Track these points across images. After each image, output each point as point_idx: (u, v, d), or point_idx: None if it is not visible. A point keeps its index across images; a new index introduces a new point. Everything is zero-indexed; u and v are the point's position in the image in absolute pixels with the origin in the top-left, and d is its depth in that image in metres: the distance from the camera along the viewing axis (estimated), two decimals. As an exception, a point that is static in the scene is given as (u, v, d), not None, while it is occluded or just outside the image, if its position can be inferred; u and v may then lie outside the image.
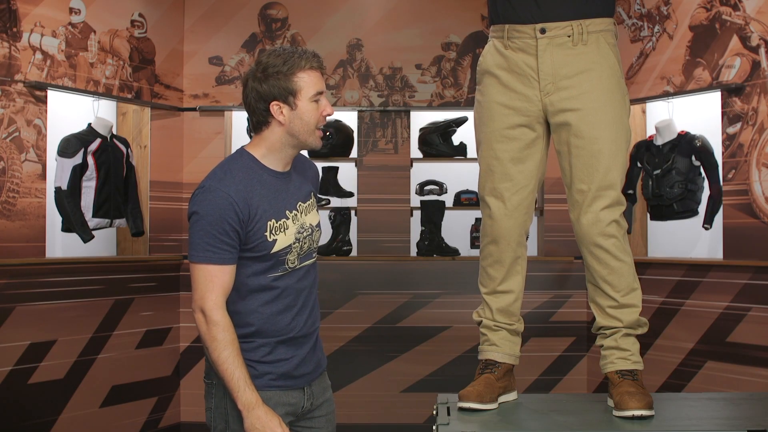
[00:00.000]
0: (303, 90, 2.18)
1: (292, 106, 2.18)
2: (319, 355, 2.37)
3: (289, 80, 2.17)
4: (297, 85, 2.17)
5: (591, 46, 2.31)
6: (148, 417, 4.93)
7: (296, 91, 2.17)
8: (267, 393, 2.23)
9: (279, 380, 2.25)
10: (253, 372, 2.23)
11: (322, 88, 2.21)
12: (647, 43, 4.80)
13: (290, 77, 2.17)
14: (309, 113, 2.19)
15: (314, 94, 2.19)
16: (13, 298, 4.18)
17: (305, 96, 2.18)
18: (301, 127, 2.19)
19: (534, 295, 5.03)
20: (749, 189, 4.16)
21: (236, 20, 5.28)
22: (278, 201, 2.22)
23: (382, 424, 5.01)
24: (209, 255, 2.16)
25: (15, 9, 4.23)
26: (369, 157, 5.22)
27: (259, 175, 2.21)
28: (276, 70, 2.16)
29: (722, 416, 2.32)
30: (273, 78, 2.17)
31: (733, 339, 4.23)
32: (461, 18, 5.27)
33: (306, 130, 2.20)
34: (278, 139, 2.22)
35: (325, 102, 2.22)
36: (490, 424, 2.16)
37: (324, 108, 2.21)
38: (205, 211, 2.16)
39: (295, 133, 2.20)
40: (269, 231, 2.18)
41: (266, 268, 2.20)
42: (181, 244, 5.15)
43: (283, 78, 2.17)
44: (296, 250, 2.23)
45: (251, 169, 2.21)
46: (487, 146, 2.40)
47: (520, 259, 2.44)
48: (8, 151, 4.17)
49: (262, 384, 2.23)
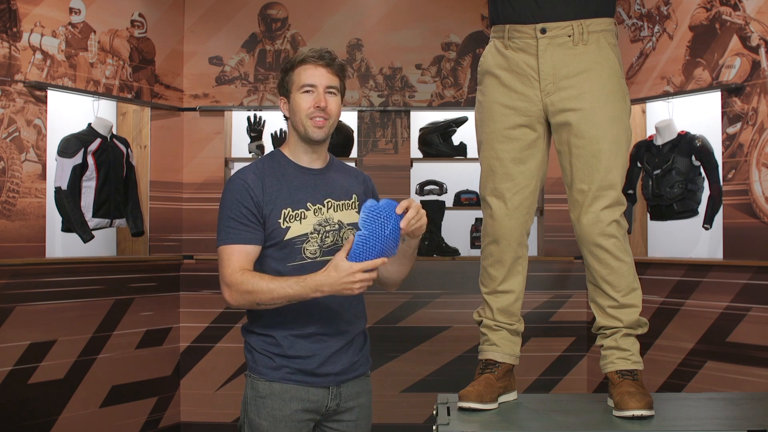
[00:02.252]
0: (294, 83, 2.30)
1: (289, 99, 2.32)
2: (356, 357, 2.37)
3: (288, 75, 2.32)
4: (291, 80, 2.31)
5: (591, 46, 2.31)
6: (148, 417, 4.93)
7: (290, 85, 2.31)
8: (284, 386, 2.27)
9: (297, 375, 2.28)
10: (271, 363, 2.29)
11: (314, 81, 2.29)
12: (647, 43, 4.80)
13: (289, 72, 2.32)
14: (297, 104, 2.30)
15: (302, 85, 2.28)
16: (13, 298, 4.19)
17: (295, 88, 2.30)
18: (294, 118, 2.32)
19: (534, 295, 5.03)
20: (749, 189, 4.16)
21: (236, 20, 5.28)
22: (300, 193, 2.30)
23: (382, 424, 5.00)
24: (231, 236, 2.25)
25: (15, 9, 4.23)
26: (369, 157, 5.22)
27: (284, 169, 2.32)
28: (283, 67, 2.34)
29: (722, 416, 2.32)
30: (281, 75, 2.34)
31: (733, 339, 4.23)
32: (461, 18, 5.28)
33: (299, 121, 2.30)
34: (291, 134, 2.37)
35: (319, 94, 2.29)
36: (490, 424, 2.16)
37: (317, 100, 2.28)
38: (225, 198, 2.29)
39: (295, 125, 2.33)
40: (283, 218, 2.26)
41: (284, 256, 2.26)
42: (181, 244, 5.15)
43: (285, 74, 2.33)
44: (315, 241, 2.28)
45: (278, 163, 2.34)
46: (488, 146, 2.40)
47: (520, 259, 2.44)
48: (8, 151, 4.17)
49: (278, 376, 2.28)
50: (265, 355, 2.29)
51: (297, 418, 2.28)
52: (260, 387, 2.29)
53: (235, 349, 5.06)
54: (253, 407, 2.29)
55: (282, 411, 2.26)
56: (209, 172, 5.18)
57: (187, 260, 5.15)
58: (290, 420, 2.27)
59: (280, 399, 2.26)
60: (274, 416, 2.26)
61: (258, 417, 2.27)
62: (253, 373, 2.31)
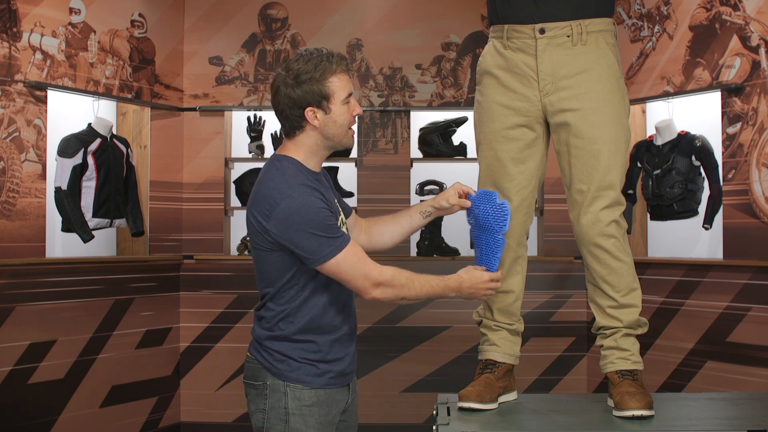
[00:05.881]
0: (336, 94, 2.22)
1: (326, 110, 2.22)
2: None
3: (322, 85, 2.21)
4: (330, 90, 2.21)
5: (590, 46, 2.31)
6: (148, 417, 4.93)
7: (329, 96, 2.22)
8: (328, 391, 2.27)
9: (337, 378, 2.29)
10: (314, 371, 2.26)
11: (351, 90, 2.26)
12: (647, 43, 4.80)
13: (323, 82, 2.21)
14: (342, 116, 2.24)
15: (345, 96, 2.24)
16: (13, 298, 4.19)
17: (338, 100, 2.22)
18: (335, 130, 2.24)
19: (534, 295, 5.03)
20: (749, 189, 4.16)
21: (236, 20, 5.28)
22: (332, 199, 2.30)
23: (382, 424, 5.01)
24: (337, 242, 2.17)
25: (15, 9, 4.23)
26: (369, 157, 5.22)
27: (313, 177, 2.25)
28: (309, 76, 2.20)
29: (722, 416, 2.32)
30: (306, 84, 2.20)
31: (733, 339, 4.23)
32: (461, 18, 5.27)
33: (341, 132, 2.26)
34: (315, 143, 2.26)
35: (354, 102, 2.28)
36: (490, 424, 2.16)
37: (354, 108, 2.27)
38: (302, 214, 2.15)
39: (330, 136, 2.25)
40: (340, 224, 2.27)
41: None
42: (181, 244, 5.15)
43: (315, 84, 2.20)
44: None
45: (304, 173, 2.24)
46: (487, 146, 2.40)
47: (520, 259, 2.44)
48: (8, 151, 4.17)
49: (323, 382, 2.26)
50: (306, 363, 2.25)
51: (336, 420, 2.31)
52: (305, 396, 2.24)
53: (235, 349, 5.06)
54: (298, 417, 2.24)
55: (327, 416, 2.27)
56: (209, 172, 5.18)
57: (187, 260, 5.15)
58: (332, 423, 2.29)
59: (326, 405, 2.27)
60: (321, 423, 2.26)
61: (306, 426, 2.23)
62: (293, 382, 2.24)
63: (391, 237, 2.49)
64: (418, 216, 2.45)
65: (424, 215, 2.45)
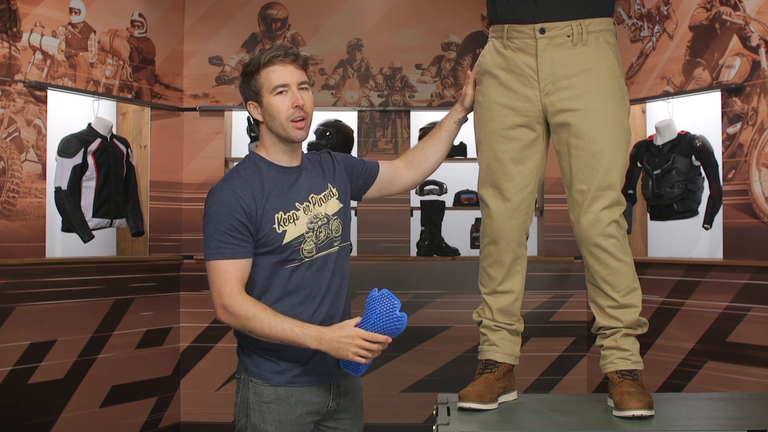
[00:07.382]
0: (264, 86, 2.22)
1: (261, 103, 2.24)
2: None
3: (255, 78, 2.23)
4: (260, 82, 2.22)
5: (590, 46, 2.30)
6: (148, 417, 4.93)
7: (260, 88, 2.23)
8: (290, 389, 2.25)
9: (303, 376, 2.27)
10: (276, 368, 2.25)
11: (287, 80, 2.22)
12: (647, 43, 4.80)
13: (255, 75, 2.23)
14: (274, 107, 2.22)
15: (275, 87, 2.21)
16: (13, 298, 4.19)
17: (267, 91, 2.22)
18: (273, 123, 2.24)
19: (534, 295, 5.03)
20: (749, 189, 4.16)
21: (236, 20, 5.28)
22: (287, 194, 2.25)
23: (382, 424, 5.01)
24: (221, 251, 2.21)
25: (15, 9, 4.23)
26: (369, 156, 5.21)
27: (266, 172, 2.25)
28: (245, 70, 2.24)
29: (722, 416, 2.32)
30: (244, 79, 2.25)
31: (733, 339, 4.23)
32: (461, 18, 5.28)
33: (279, 125, 2.24)
34: (268, 138, 2.28)
35: (294, 92, 2.22)
36: (490, 424, 2.16)
37: (294, 99, 2.22)
38: (213, 210, 2.23)
39: (273, 129, 2.25)
40: (277, 223, 2.22)
41: (282, 260, 2.23)
42: (181, 244, 5.15)
43: (250, 77, 2.23)
44: (311, 240, 2.26)
45: (258, 167, 2.26)
46: (487, 146, 2.40)
47: (520, 259, 2.44)
48: (8, 151, 4.17)
49: (284, 380, 2.25)
50: (267, 359, 2.26)
51: (302, 420, 2.27)
52: (265, 392, 2.26)
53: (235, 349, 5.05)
54: (257, 413, 2.25)
55: (288, 415, 2.25)
56: (209, 172, 5.18)
57: (187, 260, 5.15)
58: (295, 423, 2.26)
59: (286, 404, 2.25)
60: (280, 421, 2.25)
61: (263, 422, 2.24)
62: (254, 377, 2.28)
63: (435, 152, 2.54)
64: (453, 125, 2.54)
65: (457, 122, 2.54)
